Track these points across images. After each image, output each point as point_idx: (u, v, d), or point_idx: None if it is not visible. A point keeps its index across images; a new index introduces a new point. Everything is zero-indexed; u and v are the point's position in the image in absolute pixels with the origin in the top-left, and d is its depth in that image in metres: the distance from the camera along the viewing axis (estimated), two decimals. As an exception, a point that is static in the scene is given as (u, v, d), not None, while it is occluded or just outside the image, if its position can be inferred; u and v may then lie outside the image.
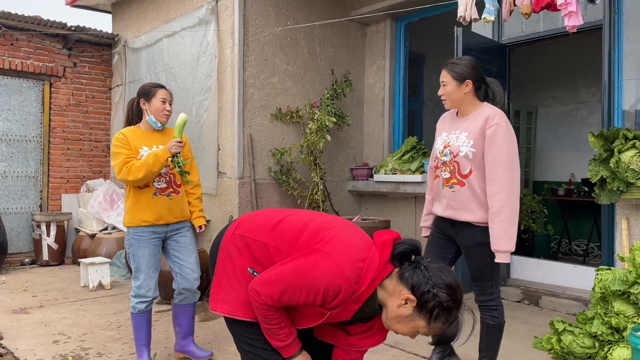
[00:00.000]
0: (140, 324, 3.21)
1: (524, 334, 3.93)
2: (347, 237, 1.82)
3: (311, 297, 1.74)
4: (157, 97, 3.21)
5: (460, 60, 2.79)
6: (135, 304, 3.19)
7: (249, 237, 1.97)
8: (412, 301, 1.70)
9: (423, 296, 1.68)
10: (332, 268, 1.71)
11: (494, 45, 5.03)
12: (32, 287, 5.50)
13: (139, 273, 3.17)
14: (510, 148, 2.61)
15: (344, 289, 1.71)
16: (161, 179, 3.18)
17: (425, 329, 1.73)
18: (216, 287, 2.02)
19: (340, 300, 1.73)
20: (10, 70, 6.74)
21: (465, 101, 2.75)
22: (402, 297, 1.71)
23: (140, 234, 3.16)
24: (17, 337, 3.80)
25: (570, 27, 3.13)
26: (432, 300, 1.67)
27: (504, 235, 2.58)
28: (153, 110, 3.21)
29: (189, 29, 5.78)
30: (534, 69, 7.82)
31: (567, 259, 6.64)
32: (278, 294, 1.77)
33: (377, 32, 6.33)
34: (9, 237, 6.46)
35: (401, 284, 1.73)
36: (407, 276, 1.73)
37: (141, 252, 3.16)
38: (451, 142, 2.73)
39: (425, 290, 1.68)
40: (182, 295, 3.32)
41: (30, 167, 7.02)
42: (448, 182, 2.74)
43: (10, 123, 6.83)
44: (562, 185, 7.21)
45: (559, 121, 7.69)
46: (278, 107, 5.51)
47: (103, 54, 7.50)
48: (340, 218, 1.99)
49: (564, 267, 5.00)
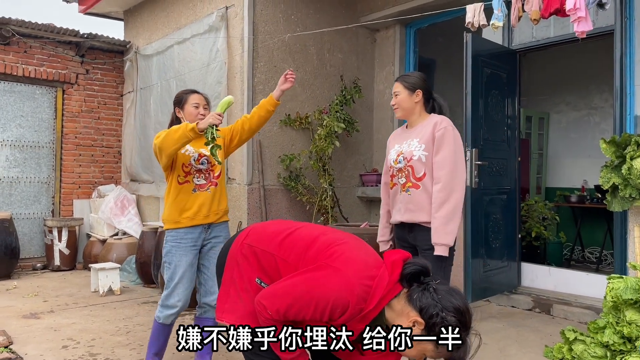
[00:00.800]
0: (160, 333, 3.08)
1: (534, 342, 3.87)
2: (357, 254, 1.80)
3: (318, 313, 1.72)
4: (190, 103, 3.15)
5: (412, 73, 3.06)
6: (164, 315, 3.03)
7: (258, 247, 1.96)
8: (420, 324, 1.67)
9: (431, 319, 1.65)
10: (341, 284, 1.69)
11: (504, 50, 5.00)
12: (43, 292, 5.54)
13: (171, 282, 3.03)
14: (457, 150, 2.81)
15: (352, 306, 1.69)
16: (201, 175, 3.09)
17: (433, 353, 1.69)
18: (223, 296, 2.01)
19: (347, 317, 1.71)
20: (24, 77, 6.83)
21: (415, 111, 2.94)
22: (410, 319, 1.68)
23: (180, 242, 3.04)
24: (27, 342, 3.83)
25: (579, 32, 3.11)
26: (440, 324, 1.64)
27: (443, 229, 2.73)
28: (187, 117, 3.13)
29: (199, 35, 5.82)
30: (546, 75, 7.76)
31: (580, 267, 6.55)
32: (285, 308, 1.74)
33: (386, 38, 6.32)
34: (21, 242, 6.53)
35: (409, 306, 1.70)
36: (416, 298, 1.70)
37: (180, 259, 3.02)
38: (404, 150, 2.91)
39: (434, 314, 1.65)
40: (203, 309, 3.20)
41: (43, 172, 7.09)
42: (404, 186, 2.89)
43: (23, 129, 6.91)
44: (575, 191, 7.13)
45: (571, 127, 7.61)
46: (287, 114, 5.52)
47: (115, 61, 7.57)
48: (351, 235, 1.97)
49: (576, 274, 4.93)
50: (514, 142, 5.08)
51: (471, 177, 4.45)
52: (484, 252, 4.61)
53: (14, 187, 6.85)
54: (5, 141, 6.77)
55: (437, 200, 2.74)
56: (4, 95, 6.76)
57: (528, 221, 6.04)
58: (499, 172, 4.85)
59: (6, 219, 6.21)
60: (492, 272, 4.73)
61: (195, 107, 3.15)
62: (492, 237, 4.73)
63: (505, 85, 4.92)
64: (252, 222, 5.21)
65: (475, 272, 4.50)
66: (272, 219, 5.36)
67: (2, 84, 6.74)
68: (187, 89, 3.30)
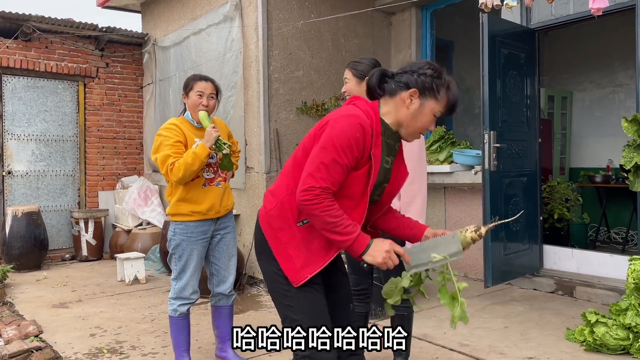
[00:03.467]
0: (181, 328, 3.08)
1: (556, 325, 3.84)
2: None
3: (348, 152, 1.81)
4: (194, 90, 2.99)
5: (362, 59, 2.92)
6: (177, 306, 3.05)
7: (279, 198, 1.95)
8: (414, 92, 1.89)
9: (418, 83, 1.89)
10: (346, 122, 1.84)
11: (522, 30, 4.89)
12: (72, 282, 5.71)
13: (183, 274, 3.04)
14: (421, 142, 2.78)
15: (366, 125, 1.84)
16: (210, 169, 3.04)
17: (437, 105, 1.91)
18: (287, 263, 1.92)
19: (369, 139, 1.85)
20: (46, 72, 6.97)
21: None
22: (406, 98, 1.90)
23: (190, 235, 3.02)
24: (56, 331, 3.96)
25: (595, 10, 3.02)
26: (425, 79, 1.89)
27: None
28: (190, 104, 3.01)
29: (215, 25, 5.84)
30: (568, 53, 7.57)
31: (605, 248, 6.44)
32: (325, 171, 1.79)
33: (402, 21, 6.25)
34: (49, 233, 6.71)
35: (397, 94, 1.92)
36: (394, 85, 1.93)
37: (189, 252, 3.02)
38: None
39: (415, 78, 1.89)
40: (217, 298, 3.23)
41: (68, 165, 7.26)
42: None
43: (47, 124, 7.07)
44: (600, 171, 6.98)
45: (595, 105, 7.43)
46: (303, 101, 5.52)
47: (134, 54, 7.66)
48: None
49: (599, 256, 4.85)
50: (534, 123, 4.99)
51: (489, 159, 4.40)
52: (504, 235, 4.57)
53: (40, 181, 7.03)
54: (30, 136, 6.94)
55: (408, 194, 2.71)
56: (28, 91, 6.92)
57: (550, 203, 5.95)
58: (519, 154, 4.78)
59: (34, 211, 6.39)
60: (513, 255, 4.69)
61: (199, 96, 2.99)
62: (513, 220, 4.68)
63: (524, 65, 4.82)
64: (271, 210, 5.25)
65: (495, 256, 4.47)
66: (291, 206, 5.39)
67: (25, 79, 6.89)
68: (196, 75, 3.14)
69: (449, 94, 1.91)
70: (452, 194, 5.54)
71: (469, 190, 5.37)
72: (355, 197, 1.89)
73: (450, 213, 5.57)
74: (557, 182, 6.21)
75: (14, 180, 6.85)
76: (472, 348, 3.44)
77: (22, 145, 6.90)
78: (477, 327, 3.86)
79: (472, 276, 5.39)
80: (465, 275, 5.46)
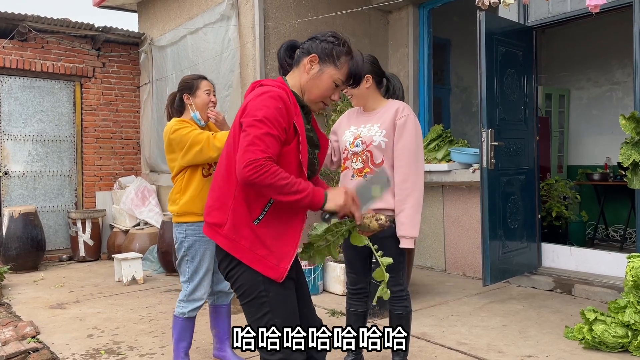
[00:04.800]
0: (186, 329, 3.01)
1: (555, 323, 3.84)
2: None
3: (276, 124, 1.81)
4: (202, 89, 3.03)
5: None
6: (188, 310, 2.96)
7: (227, 208, 1.90)
8: (314, 57, 1.94)
9: (318, 49, 1.94)
10: (266, 98, 1.85)
11: (519, 27, 4.88)
12: (69, 282, 5.69)
13: (196, 276, 2.95)
14: (418, 139, 2.75)
15: (282, 96, 1.85)
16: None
17: (337, 72, 1.95)
18: (263, 265, 1.87)
19: (290, 108, 1.87)
20: (43, 72, 6.95)
21: (368, 96, 2.85)
22: (307, 63, 1.95)
23: (203, 234, 2.73)
24: (53, 332, 3.94)
25: (592, 7, 3.01)
26: (326, 45, 1.94)
27: (411, 222, 2.68)
28: (199, 104, 3.01)
29: (211, 25, 5.82)
30: (566, 51, 7.58)
31: (604, 246, 6.45)
32: (261, 143, 1.76)
33: (399, 20, 6.24)
34: (46, 234, 6.69)
35: (301, 61, 1.98)
36: (299, 53, 1.99)
37: (203, 253, 2.95)
38: (362, 134, 2.80)
39: (317, 44, 1.95)
40: (215, 296, 3.19)
41: (65, 166, 7.23)
42: (361, 171, 2.79)
43: (44, 124, 7.04)
44: (598, 169, 6.98)
45: (593, 103, 7.43)
46: (301, 100, 5.50)
47: (130, 53, 7.64)
48: None
49: (597, 254, 4.85)
50: (531, 121, 4.99)
51: (487, 158, 4.39)
52: (502, 234, 4.56)
53: (37, 181, 7.01)
54: (27, 136, 6.92)
55: (402, 192, 2.68)
56: (24, 91, 6.89)
57: (548, 201, 5.96)
58: (517, 152, 4.78)
59: (31, 212, 6.37)
60: (512, 253, 4.69)
61: (207, 94, 3.03)
62: (511, 218, 4.68)
63: (521, 63, 4.82)
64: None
65: (494, 254, 4.46)
66: (289, 205, 5.38)
67: (21, 79, 6.87)
68: (194, 75, 3.15)
69: (350, 63, 1.96)
70: (450, 192, 5.54)
71: (467, 189, 5.37)
72: (293, 173, 1.85)
73: (449, 212, 5.56)
74: (555, 180, 6.21)
75: (11, 180, 6.82)
76: (470, 347, 3.43)
77: (19, 146, 6.87)
78: (475, 325, 3.86)
79: (470, 275, 5.39)
80: (464, 274, 5.45)
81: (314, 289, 4.82)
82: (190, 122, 2.99)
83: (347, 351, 2.99)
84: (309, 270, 4.78)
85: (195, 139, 2.85)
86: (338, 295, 4.79)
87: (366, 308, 2.97)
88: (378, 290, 2.03)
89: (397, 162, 2.72)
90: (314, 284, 4.82)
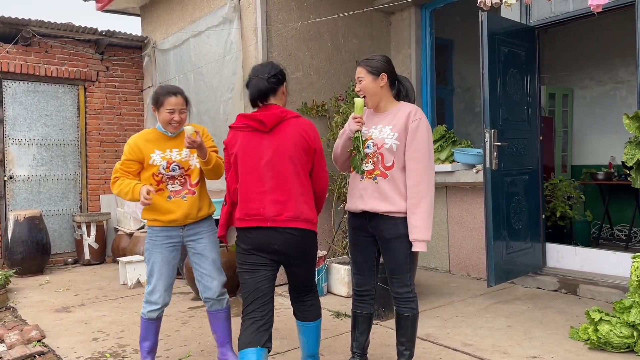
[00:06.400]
0: (148, 329, 3.13)
1: (560, 324, 3.83)
2: None
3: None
4: (165, 107, 3.02)
5: (375, 56, 2.89)
6: (147, 311, 3.10)
7: (310, 205, 2.76)
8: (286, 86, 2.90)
9: (286, 79, 2.86)
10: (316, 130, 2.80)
11: (522, 28, 4.88)
12: (74, 286, 5.71)
13: (151, 278, 3.09)
14: (430, 143, 2.75)
15: None
16: (175, 181, 3.08)
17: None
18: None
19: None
20: (46, 76, 6.98)
21: (382, 96, 2.84)
22: (284, 90, 2.85)
23: (155, 239, 3.08)
24: (58, 336, 3.96)
25: (594, 6, 3.00)
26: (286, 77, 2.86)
27: (424, 225, 2.67)
28: (161, 120, 3.07)
29: (214, 28, 5.84)
30: (569, 50, 7.56)
31: (609, 245, 6.42)
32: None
33: (401, 21, 6.24)
34: (51, 238, 6.72)
35: (280, 89, 2.80)
36: (277, 82, 2.80)
37: (154, 257, 3.07)
38: (374, 136, 2.80)
39: (285, 75, 2.86)
40: (209, 303, 3.22)
41: (70, 169, 7.26)
42: (371, 173, 2.79)
43: (48, 128, 7.07)
44: (602, 168, 6.96)
45: (596, 103, 7.41)
46: (303, 102, 5.51)
47: (134, 57, 7.66)
48: None
49: (602, 254, 4.84)
50: (535, 121, 4.98)
51: (491, 158, 4.39)
52: (506, 234, 4.55)
53: (42, 185, 7.04)
54: (32, 140, 6.95)
55: (415, 196, 2.67)
56: (28, 96, 6.93)
57: (553, 201, 5.94)
58: (520, 152, 4.77)
59: (36, 216, 6.39)
60: (516, 253, 4.67)
61: (170, 113, 3.02)
62: (515, 219, 4.67)
63: (524, 63, 4.81)
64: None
65: (498, 254, 4.45)
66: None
67: (25, 84, 6.90)
68: (166, 88, 3.10)
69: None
70: (454, 193, 5.53)
71: (470, 189, 5.36)
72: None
73: (452, 212, 5.55)
74: (559, 180, 6.19)
75: (16, 185, 6.86)
76: (475, 348, 3.43)
77: (24, 150, 6.90)
78: (480, 326, 3.85)
79: (474, 275, 5.38)
80: (468, 275, 5.44)
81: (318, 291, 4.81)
82: (136, 145, 3.07)
83: (353, 353, 3.00)
84: (313, 272, 4.78)
85: (114, 169, 3.13)
86: (343, 297, 4.79)
87: (372, 310, 2.97)
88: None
89: (410, 166, 2.70)
90: (318, 285, 4.82)
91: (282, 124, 2.62)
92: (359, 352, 2.99)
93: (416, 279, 4.77)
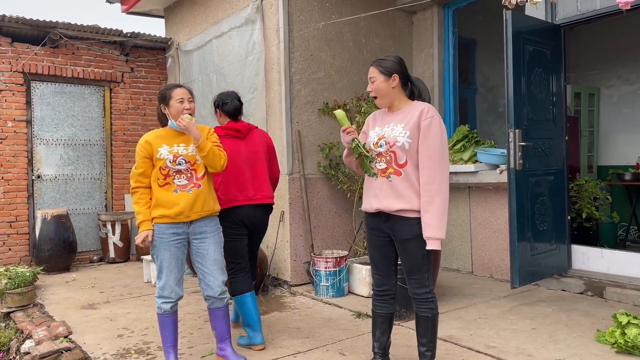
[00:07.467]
0: (165, 324, 3.19)
1: (586, 327, 3.76)
2: None
3: None
4: (174, 99, 3.14)
5: (387, 56, 2.90)
6: (160, 304, 3.16)
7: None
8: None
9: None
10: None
11: (547, 26, 4.81)
12: (100, 283, 5.81)
13: (161, 274, 3.15)
14: (443, 141, 2.73)
15: None
16: (182, 175, 3.13)
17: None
18: None
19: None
20: (73, 78, 7.12)
21: (394, 96, 2.85)
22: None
23: (161, 236, 3.11)
24: (85, 332, 4.04)
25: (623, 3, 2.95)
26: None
27: (438, 223, 2.66)
28: (173, 113, 3.14)
29: (236, 29, 5.88)
30: (595, 49, 7.42)
31: (636, 247, 6.29)
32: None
33: (424, 20, 6.20)
34: (78, 236, 6.85)
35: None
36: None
37: (162, 253, 3.12)
38: (386, 134, 2.80)
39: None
40: (210, 301, 3.27)
41: (95, 169, 7.39)
42: (385, 172, 2.79)
43: (75, 128, 7.21)
44: (629, 169, 6.82)
45: (624, 102, 7.26)
46: (325, 102, 5.52)
47: (158, 58, 7.77)
48: None
49: (630, 255, 4.74)
50: (560, 121, 4.90)
51: (515, 158, 4.33)
52: (530, 236, 4.49)
53: (68, 184, 7.18)
54: (59, 140, 7.09)
55: (428, 193, 2.66)
56: (56, 97, 7.07)
57: (578, 202, 5.84)
58: (545, 152, 4.70)
59: (63, 214, 6.53)
60: (540, 255, 4.61)
61: (180, 102, 3.13)
62: (540, 220, 4.60)
63: (549, 62, 4.74)
64: (294, 212, 5.27)
65: (522, 256, 4.40)
66: (313, 208, 5.40)
67: (53, 85, 7.05)
68: (169, 85, 3.26)
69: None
70: (477, 193, 5.48)
71: (494, 190, 5.30)
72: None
73: (475, 213, 5.50)
74: (585, 181, 6.08)
75: (43, 184, 7.01)
76: (499, 350, 3.39)
77: (51, 150, 7.05)
78: (504, 328, 3.81)
79: (498, 277, 5.32)
80: (491, 276, 5.39)
81: (339, 291, 4.82)
82: (147, 142, 3.15)
83: (375, 353, 2.99)
84: (334, 271, 4.79)
85: (132, 174, 3.22)
86: (364, 297, 4.79)
87: (392, 310, 2.96)
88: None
89: (423, 164, 2.70)
90: (339, 285, 4.83)
91: (250, 133, 3.74)
92: (380, 352, 2.98)
93: (438, 279, 4.75)
